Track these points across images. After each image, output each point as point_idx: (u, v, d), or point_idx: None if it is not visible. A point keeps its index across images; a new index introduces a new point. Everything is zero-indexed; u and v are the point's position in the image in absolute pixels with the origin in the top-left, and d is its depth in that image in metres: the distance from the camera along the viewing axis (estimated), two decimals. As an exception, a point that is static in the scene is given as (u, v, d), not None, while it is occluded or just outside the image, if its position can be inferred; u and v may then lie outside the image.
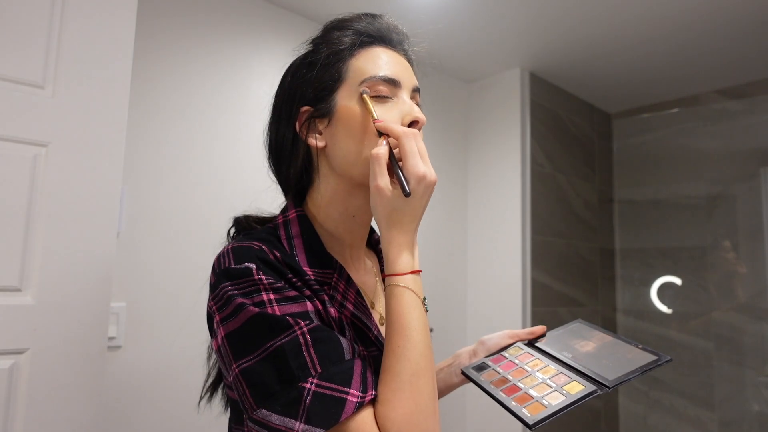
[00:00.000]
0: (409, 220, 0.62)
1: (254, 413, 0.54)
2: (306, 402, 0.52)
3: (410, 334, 0.58)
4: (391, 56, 0.69)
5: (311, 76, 0.69)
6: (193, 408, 1.54)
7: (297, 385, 0.53)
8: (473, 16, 1.98)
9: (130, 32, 1.16)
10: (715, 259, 2.49)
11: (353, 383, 0.55)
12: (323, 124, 0.68)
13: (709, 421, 2.41)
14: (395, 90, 0.68)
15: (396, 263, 0.61)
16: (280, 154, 0.72)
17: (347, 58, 0.68)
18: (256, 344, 0.55)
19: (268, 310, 0.56)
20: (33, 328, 0.99)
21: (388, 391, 0.55)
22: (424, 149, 0.62)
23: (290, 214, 0.70)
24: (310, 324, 0.56)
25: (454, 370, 0.84)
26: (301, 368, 0.54)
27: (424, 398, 0.55)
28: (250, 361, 0.55)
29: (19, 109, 1.01)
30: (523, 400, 0.65)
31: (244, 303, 0.56)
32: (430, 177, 0.60)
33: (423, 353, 0.57)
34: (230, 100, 1.76)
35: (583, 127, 2.79)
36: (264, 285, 0.57)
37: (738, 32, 2.05)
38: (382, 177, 0.61)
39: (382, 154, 0.61)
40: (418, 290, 0.61)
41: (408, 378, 0.55)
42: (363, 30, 0.70)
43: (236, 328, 0.56)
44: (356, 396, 0.54)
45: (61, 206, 1.04)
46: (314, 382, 0.53)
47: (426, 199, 0.62)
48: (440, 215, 2.43)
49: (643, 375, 0.66)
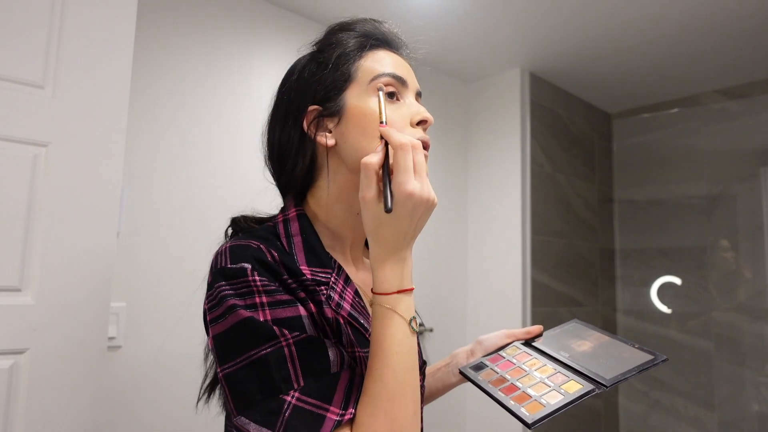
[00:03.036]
0: (395, 238, 0.59)
1: (235, 419, 0.55)
2: (285, 415, 0.52)
3: (389, 357, 0.56)
4: (396, 59, 0.71)
5: (320, 76, 0.69)
6: (192, 408, 1.54)
7: (278, 397, 0.53)
8: (473, 16, 1.98)
9: (130, 32, 1.16)
10: (715, 259, 2.49)
11: (335, 400, 0.55)
12: (332, 123, 0.69)
13: (709, 421, 2.41)
14: (403, 90, 0.69)
15: (381, 281, 0.59)
16: (285, 153, 0.72)
17: (356, 58, 0.69)
18: (241, 350, 0.55)
19: (259, 315, 0.56)
20: (33, 328, 1.00)
21: (363, 414, 0.55)
22: (421, 165, 0.59)
23: (290, 212, 0.70)
24: (298, 335, 0.56)
25: (452, 370, 0.84)
26: (284, 380, 0.54)
27: (400, 423, 0.54)
28: (233, 367, 0.55)
29: (19, 109, 1.01)
30: (521, 399, 0.65)
31: (236, 305, 0.56)
32: (419, 195, 0.57)
33: (401, 379, 0.56)
34: (230, 100, 1.77)
35: (583, 127, 2.79)
36: (257, 287, 0.57)
37: (738, 32, 2.05)
38: (369, 189, 0.59)
39: (371, 164, 0.59)
40: (404, 310, 0.58)
41: (383, 403, 0.55)
42: (370, 33, 0.71)
43: (223, 330, 0.57)
44: (336, 413, 0.54)
45: (61, 206, 1.04)
46: (295, 395, 0.54)
47: (415, 218, 0.58)
48: (440, 215, 2.43)
49: (640, 374, 0.66)
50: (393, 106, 0.67)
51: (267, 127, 0.75)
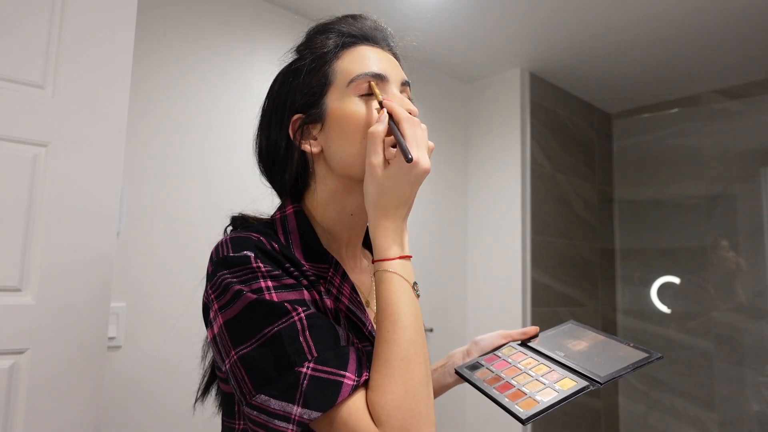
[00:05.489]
0: (396, 205, 0.62)
1: (253, 399, 0.54)
2: (303, 386, 0.53)
3: (399, 319, 0.58)
4: (375, 53, 0.70)
5: (298, 83, 0.70)
6: (192, 408, 1.55)
7: (294, 370, 0.54)
8: (473, 16, 1.99)
9: (130, 32, 1.16)
10: (715, 259, 2.49)
11: (349, 366, 0.55)
12: (316, 129, 0.69)
13: (709, 421, 2.41)
14: (384, 85, 0.69)
15: (384, 249, 0.61)
16: (273, 161, 0.73)
17: (332, 60, 0.69)
18: (255, 330, 0.56)
19: (266, 297, 0.56)
20: (33, 328, 1.00)
21: (378, 377, 0.55)
22: (423, 138, 0.62)
23: (287, 209, 0.71)
24: (307, 310, 0.57)
25: (448, 370, 0.84)
26: (298, 353, 0.54)
27: (415, 383, 0.55)
28: (249, 347, 0.56)
29: (19, 109, 1.01)
30: (516, 397, 0.66)
31: (242, 290, 0.57)
32: (422, 165, 0.60)
33: (413, 338, 0.57)
34: (230, 100, 1.77)
35: (583, 127, 2.79)
36: (262, 272, 0.58)
37: (738, 32, 2.05)
38: (376, 155, 0.62)
39: (378, 132, 0.62)
40: (407, 275, 0.61)
41: (398, 363, 0.55)
42: (345, 31, 0.71)
43: (235, 315, 0.57)
44: (352, 379, 0.54)
45: (61, 206, 1.05)
46: (311, 366, 0.54)
47: (416, 186, 0.62)
48: (440, 215, 2.44)
49: (635, 371, 0.67)
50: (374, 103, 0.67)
51: (256, 136, 0.76)
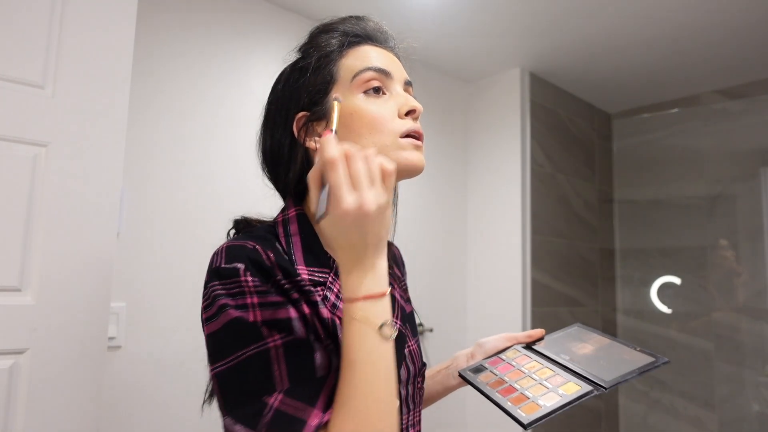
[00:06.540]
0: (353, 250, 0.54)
1: (223, 418, 0.55)
2: (267, 417, 0.52)
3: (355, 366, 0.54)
4: (379, 52, 0.71)
5: (304, 81, 0.70)
6: (193, 408, 1.54)
7: (261, 399, 0.53)
8: (473, 16, 1.98)
9: (130, 32, 1.16)
10: (715, 259, 2.49)
11: (318, 402, 0.54)
12: (321, 127, 0.69)
13: (709, 421, 2.41)
14: (388, 82, 0.69)
15: (347, 289, 0.55)
16: (277, 160, 0.73)
17: (337, 58, 0.69)
18: (230, 349, 0.56)
19: (249, 315, 0.56)
20: (33, 328, 1.00)
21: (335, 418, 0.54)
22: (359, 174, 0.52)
23: (290, 212, 0.70)
24: (286, 336, 0.56)
25: (452, 373, 0.84)
26: (269, 381, 0.54)
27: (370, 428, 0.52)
28: (223, 366, 0.56)
29: (19, 109, 1.01)
30: (518, 401, 0.65)
31: (227, 305, 0.56)
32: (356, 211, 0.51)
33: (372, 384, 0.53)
34: (230, 100, 1.77)
35: (583, 127, 2.78)
36: (249, 287, 0.57)
37: (738, 32, 2.05)
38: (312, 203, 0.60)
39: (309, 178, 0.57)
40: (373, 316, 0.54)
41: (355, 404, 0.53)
42: (350, 31, 0.71)
43: (216, 330, 0.57)
44: (318, 416, 0.53)
45: (61, 206, 1.04)
46: (278, 398, 0.53)
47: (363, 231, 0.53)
48: (440, 215, 2.43)
49: (641, 376, 0.66)
50: (379, 101, 0.67)
51: (259, 135, 0.76)
